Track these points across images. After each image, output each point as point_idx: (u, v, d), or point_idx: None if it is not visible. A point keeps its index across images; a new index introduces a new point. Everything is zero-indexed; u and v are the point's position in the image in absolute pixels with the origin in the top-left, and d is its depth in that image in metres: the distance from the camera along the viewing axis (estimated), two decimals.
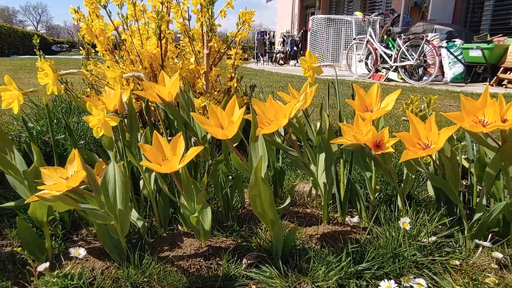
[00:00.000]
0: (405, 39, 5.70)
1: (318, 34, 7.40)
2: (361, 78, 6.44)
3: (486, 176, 0.83)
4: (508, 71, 5.27)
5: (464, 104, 0.78)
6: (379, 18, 6.55)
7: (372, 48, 6.16)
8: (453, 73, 5.81)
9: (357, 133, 0.85)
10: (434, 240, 0.85)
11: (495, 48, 5.29)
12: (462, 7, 6.77)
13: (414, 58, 5.56)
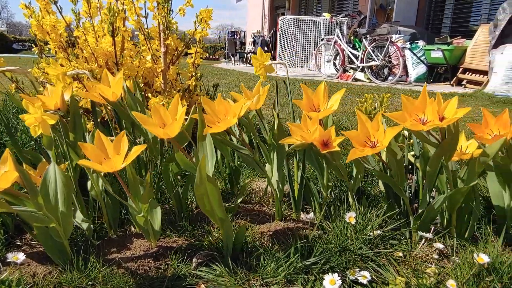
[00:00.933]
0: (370, 40, 5.85)
1: (288, 35, 7.47)
2: (330, 78, 6.55)
3: (428, 170, 0.86)
4: (467, 71, 5.52)
5: (405, 104, 0.81)
6: (346, 20, 6.69)
7: (340, 49, 6.29)
8: (417, 73, 6.02)
9: (305, 133, 0.86)
10: (380, 234, 0.87)
11: (455, 50, 5.52)
12: (424, 10, 7.03)
13: (379, 59, 5.71)
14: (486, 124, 0.85)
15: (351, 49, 6.18)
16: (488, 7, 6.21)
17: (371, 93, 4.35)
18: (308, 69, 7.85)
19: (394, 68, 5.86)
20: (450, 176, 0.87)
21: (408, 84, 5.81)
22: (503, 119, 0.83)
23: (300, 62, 7.97)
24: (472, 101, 3.90)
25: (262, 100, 0.95)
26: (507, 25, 4.91)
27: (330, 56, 6.59)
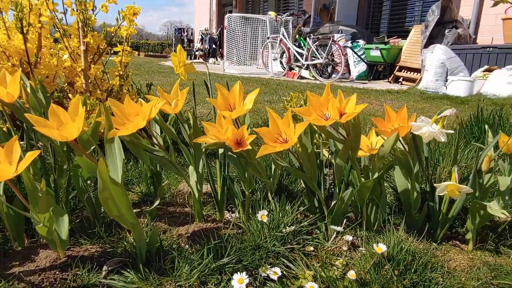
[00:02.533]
0: (314, 39, 6.02)
1: (235, 33, 7.47)
2: (277, 76, 6.65)
3: (336, 165, 0.90)
4: (403, 69, 5.86)
5: (310, 100, 0.84)
6: (291, 18, 6.82)
7: (285, 47, 6.40)
8: (358, 71, 6.30)
9: (218, 132, 0.86)
10: (295, 230, 0.90)
11: (391, 49, 5.84)
12: (364, 11, 7.36)
13: (323, 57, 5.90)
14: (389, 119, 0.90)
15: (296, 48, 6.32)
16: (420, 8, 6.64)
17: (316, 91, 4.46)
18: (256, 67, 7.91)
19: (337, 66, 6.08)
20: (358, 170, 0.92)
21: (350, 81, 6.06)
22: (402, 115, 0.88)
23: (248, 60, 8.01)
24: (405, 97, 4.14)
25: (181, 103, 0.93)
26: (435, 26, 5.28)
27: (276, 54, 6.69)
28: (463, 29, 5.31)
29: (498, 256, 0.92)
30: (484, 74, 4.61)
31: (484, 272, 0.84)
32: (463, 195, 0.91)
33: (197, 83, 4.78)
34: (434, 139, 0.86)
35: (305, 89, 4.65)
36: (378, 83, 5.83)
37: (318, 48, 5.98)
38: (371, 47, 5.94)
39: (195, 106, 1.06)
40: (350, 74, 6.35)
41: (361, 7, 7.32)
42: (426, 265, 0.81)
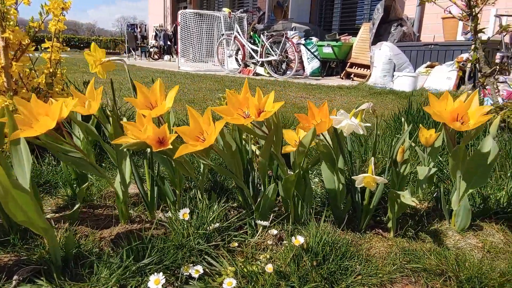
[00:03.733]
0: (268, 36, 6.06)
1: (189, 29, 7.35)
2: (232, 72, 6.64)
3: (259, 162, 0.91)
4: (354, 65, 6.06)
5: (230, 98, 0.84)
6: (246, 15, 6.83)
7: (240, 44, 6.40)
8: (312, 68, 6.43)
9: (138, 131, 0.84)
10: (220, 226, 0.89)
11: (342, 46, 6.02)
12: (317, 8, 7.52)
13: (277, 54, 5.96)
14: (312, 115, 0.92)
15: (251, 45, 6.33)
16: (369, 7, 6.88)
17: (270, 87, 4.44)
18: (212, 64, 7.85)
19: (291, 62, 6.17)
20: (282, 165, 0.93)
21: (304, 77, 6.18)
22: (324, 110, 0.90)
23: (204, 57, 7.93)
24: (355, 92, 4.29)
25: (95, 104, 0.88)
26: (382, 24, 5.51)
27: (231, 51, 6.67)
28: (408, 27, 5.58)
29: (416, 241, 0.97)
30: (427, 70, 4.87)
31: (399, 257, 0.89)
32: (381, 186, 0.96)
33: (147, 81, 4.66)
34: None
35: (260, 86, 4.68)
36: (331, 79, 5.98)
37: (272, 45, 6.03)
38: (324, 44, 6.08)
39: (116, 103, 1.03)
40: (304, 70, 6.47)
41: (313, 5, 7.47)
42: (344, 254, 0.84)
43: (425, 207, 1.14)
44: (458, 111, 0.81)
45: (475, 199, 1.12)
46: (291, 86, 4.81)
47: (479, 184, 0.97)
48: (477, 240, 0.98)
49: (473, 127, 0.79)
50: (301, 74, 6.42)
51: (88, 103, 0.86)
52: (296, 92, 4.28)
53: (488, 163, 0.94)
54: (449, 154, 0.95)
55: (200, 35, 7.48)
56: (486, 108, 0.79)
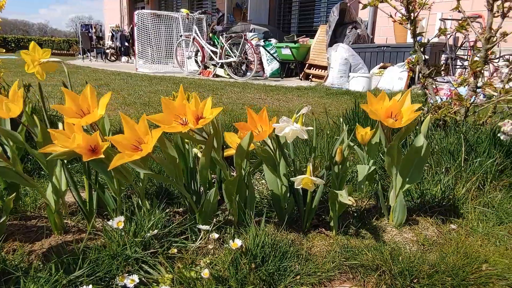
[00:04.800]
0: (227, 38, 6.05)
1: (147, 30, 7.19)
2: (192, 74, 6.57)
3: (200, 166, 0.90)
4: (312, 67, 6.18)
5: (166, 105, 0.82)
6: (204, 16, 6.77)
7: (199, 46, 6.34)
8: (271, 69, 6.49)
9: (66, 140, 0.80)
10: (159, 233, 0.88)
11: (300, 48, 6.13)
12: (275, 10, 7.61)
13: (236, 56, 5.96)
14: (252, 122, 0.92)
15: (210, 46, 6.30)
16: (325, 10, 7.06)
17: (228, 88, 4.38)
18: (172, 66, 7.71)
19: (251, 64, 6.20)
20: (224, 169, 0.93)
21: (264, 79, 6.22)
22: (263, 117, 0.91)
23: (164, 58, 7.77)
24: (312, 93, 4.37)
25: (17, 108, 0.83)
26: (338, 26, 5.66)
27: (190, 53, 6.60)
28: (362, 29, 5.78)
29: (356, 238, 1.00)
30: (380, 71, 5.06)
31: (339, 255, 0.91)
32: (321, 186, 0.98)
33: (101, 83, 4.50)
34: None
35: (219, 88, 4.66)
36: (290, 80, 6.07)
37: (231, 47, 6.03)
38: (282, 45, 6.16)
39: (45, 109, 0.98)
40: (264, 72, 6.52)
41: (272, 7, 7.55)
42: (284, 254, 0.85)
43: (366, 204, 1.18)
44: (392, 109, 0.85)
45: (412, 195, 1.18)
46: (250, 87, 4.82)
47: (414, 180, 1.02)
48: (413, 234, 1.03)
49: (405, 124, 0.83)
50: (261, 76, 6.46)
51: (6, 105, 0.81)
52: (255, 93, 4.29)
53: (421, 160, 0.99)
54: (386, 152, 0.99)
55: (158, 36, 7.33)
56: (415, 106, 0.84)
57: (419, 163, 0.99)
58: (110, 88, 4.14)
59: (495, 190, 1.23)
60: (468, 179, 1.23)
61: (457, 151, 1.33)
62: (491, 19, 1.44)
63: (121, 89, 4.09)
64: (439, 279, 0.81)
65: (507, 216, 1.10)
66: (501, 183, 1.25)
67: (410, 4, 1.53)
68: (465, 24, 1.60)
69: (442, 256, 0.90)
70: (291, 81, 6.03)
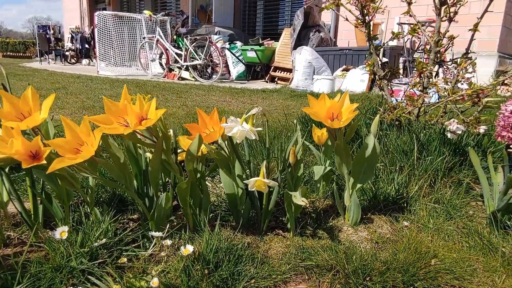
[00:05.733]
0: (192, 40, 5.99)
1: (109, 32, 6.98)
2: (156, 77, 6.44)
3: (149, 172, 0.87)
4: (277, 69, 6.23)
5: (109, 107, 0.79)
6: (168, 18, 6.67)
7: (163, 48, 6.23)
8: (237, 72, 6.49)
9: (4, 146, 0.75)
10: (106, 242, 0.84)
11: (265, 50, 6.17)
12: (240, 13, 7.63)
13: (201, 58, 5.90)
14: (203, 123, 0.91)
15: (174, 49, 6.20)
16: (289, 13, 7.16)
17: (193, 91, 4.32)
18: (136, 69, 7.53)
19: (217, 67, 6.16)
20: (177, 172, 0.91)
21: (230, 81, 6.21)
22: (214, 118, 0.90)
23: (127, 61, 7.57)
24: (277, 95, 4.40)
25: None
26: (302, 30, 5.75)
27: (154, 55, 6.47)
28: (325, 33, 5.90)
29: (313, 239, 1.01)
30: (343, 73, 5.19)
31: (295, 256, 0.91)
32: (276, 188, 0.97)
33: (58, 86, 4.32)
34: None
35: (185, 90, 4.59)
36: (256, 83, 6.09)
37: (196, 49, 5.97)
38: (247, 48, 6.18)
39: None
40: (230, 74, 6.50)
41: (237, 10, 7.56)
42: (239, 258, 0.84)
43: (323, 204, 1.19)
44: (332, 110, 0.86)
45: (367, 194, 1.20)
46: (215, 90, 4.79)
47: (366, 179, 1.04)
48: (367, 233, 1.05)
49: (344, 123, 0.84)
50: (227, 78, 6.44)
51: None
52: (219, 96, 4.27)
53: (372, 159, 1.01)
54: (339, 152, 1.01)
55: (121, 38, 7.13)
56: (354, 105, 0.85)
57: (370, 162, 1.01)
58: (68, 91, 3.97)
59: (445, 186, 1.29)
60: (420, 177, 1.28)
61: (410, 150, 1.38)
62: (439, 23, 1.51)
63: (80, 92, 3.94)
64: (391, 276, 0.83)
65: (456, 212, 1.15)
66: (450, 180, 1.30)
67: (365, 8, 1.57)
68: (417, 28, 1.66)
69: (394, 253, 0.92)
70: (257, 83, 6.05)
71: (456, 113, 1.59)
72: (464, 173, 1.33)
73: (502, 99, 1.52)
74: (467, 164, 1.35)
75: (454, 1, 1.48)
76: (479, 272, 0.88)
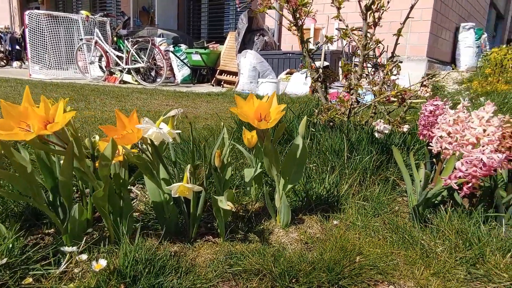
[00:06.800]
0: (133, 42, 5.78)
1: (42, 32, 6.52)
2: (96, 81, 6.13)
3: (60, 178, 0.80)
4: (223, 73, 6.21)
5: (8, 111, 0.71)
6: (108, 19, 6.38)
7: (102, 50, 5.95)
8: (182, 75, 6.37)
9: None
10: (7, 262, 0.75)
11: (211, 54, 6.12)
12: (184, 16, 7.51)
13: (144, 61, 5.72)
14: (122, 125, 0.85)
15: (115, 51, 5.94)
16: (234, 17, 7.17)
17: (134, 95, 4.15)
18: (74, 72, 7.10)
19: (161, 70, 5.99)
20: (92, 181, 0.84)
21: (175, 85, 6.07)
22: (134, 120, 0.85)
23: (64, 63, 7.11)
24: (222, 99, 4.37)
25: None
26: (247, 33, 5.78)
27: (93, 58, 6.15)
28: (269, 37, 5.99)
29: (243, 243, 0.99)
30: (287, 76, 5.29)
31: (223, 262, 0.89)
32: (203, 193, 0.94)
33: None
34: None
35: (126, 94, 4.40)
36: (201, 86, 6.02)
37: (139, 52, 5.77)
38: (192, 51, 6.09)
39: None
40: (175, 78, 6.37)
41: (181, 13, 7.43)
42: (161, 269, 0.80)
43: (256, 207, 1.18)
44: (260, 111, 0.85)
45: (300, 194, 1.21)
46: (159, 94, 4.65)
47: (297, 179, 1.05)
48: (298, 233, 1.05)
49: (271, 124, 0.84)
50: (173, 82, 6.30)
51: None
52: (162, 100, 4.15)
53: (301, 160, 1.01)
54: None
55: (56, 39, 6.68)
56: (282, 106, 0.85)
57: (299, 163, 1.01)
58: None
59: (374, 184, 1.33)
60: (350, 176, 1.31)
61: (341, 150, 1.41)
62: (365, 28, 1.57)
63: (6, 97, 3.63)
64: (316, 276, 0.83)
65: (383, 208, 1.19)
66: (378, 178, 1.36)
67: (296, 11, 1.59)
68: (348, 33, 1.72)
69: (321, 252, 0.92)
70: (203, 87, 5.98)
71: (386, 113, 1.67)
72: (391, 170, 1.40)
73: (427, 100, 1.62)
74: (393, 162, 1.41)
75: (378, 7, 1.55)
76: (400, 266, 0.92)
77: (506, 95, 3.67)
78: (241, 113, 0.85)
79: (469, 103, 1.13)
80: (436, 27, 5.46)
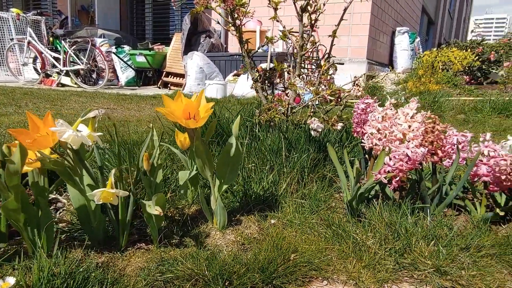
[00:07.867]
0: (71, 43, 5.45)
1: None
2: (30, 83, 5.71)
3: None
4: (170, 75, 6.06)
5: None
6: (43, 18, 5.97)
7: (37, 51, 5.55)
8: (126, 77, 6.13)
9: None
10: None
11: (156, 55, 5.95)
12: (127, 16, 7.24)
13: (83, 63, 5.42)
14: (35, 128, 0.78)
15: (51, 52, 5.57)
16: (179, 18, 7.05)
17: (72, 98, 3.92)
18: (5, 74, 6.55)
19: (102, 72, 5.72)
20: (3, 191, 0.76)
21: (119, 88, 5.83)
22: (49, 122, 0.78)
23: None
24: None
25: None
26: (193, 35, 5.70)
27: (26, 59, 5.72)
28: (216, 38, 5.95)
29: (178, 248, 0.95)
30: (234, 78, 5.29)
31: (155, 270, 0.85)
32: (132, 198, 0.90)
33: None
34: None
35: (63, 98, 4.13)
36: (147, 89, 5.83)
37: (77, 53, 5.45)
38: (136, 53, 5.88)
39: None
40: (119, 80, 6.11)
41: (123, 13, 7.16)
42: (84, 282, 0.74)
43: (193, 211, 1.15)
44: (189, 110, 0.83)
45: (237, 195, 1.20)
46: (100, 97, 4.43)
47: (231, 179, 1.03)
48: (235, 235, 1.04)
49: (200, 123, 0.82)
50: (116, 84, 6.04)
51: None
52: (104, 103, 3.95)
53: (235, 160, 1.00)
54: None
55: None
56: (210, 104, 0.83)
57: (234, 162, 1.00)
58: None
59: (312, 182, 1.36)
60: (289, 174, 1.32)
61: (280, 149, 1.42)
62: (301, 29, 1.60)
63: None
64: (250, 277, 0.82)
65: (320, 205, 1.21)
66: (316, 176, 1.38)
67: (234, 11, 1.58)
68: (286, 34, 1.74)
69: (256, 253, 0.92)
70: (149, 89, 5.80)
71: (324, 112, 1.71)
72: (328, 168, 1.43)
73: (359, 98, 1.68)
74: (330, 160, 1.45)
75: (315, 9, 1.59)
76: (334, 260, 0.93)
77: (436, 94, 3.96)
78: (169, 112, 0.82)
79: (401, 101, 1.18)
80: (374, 31, 5.77)
